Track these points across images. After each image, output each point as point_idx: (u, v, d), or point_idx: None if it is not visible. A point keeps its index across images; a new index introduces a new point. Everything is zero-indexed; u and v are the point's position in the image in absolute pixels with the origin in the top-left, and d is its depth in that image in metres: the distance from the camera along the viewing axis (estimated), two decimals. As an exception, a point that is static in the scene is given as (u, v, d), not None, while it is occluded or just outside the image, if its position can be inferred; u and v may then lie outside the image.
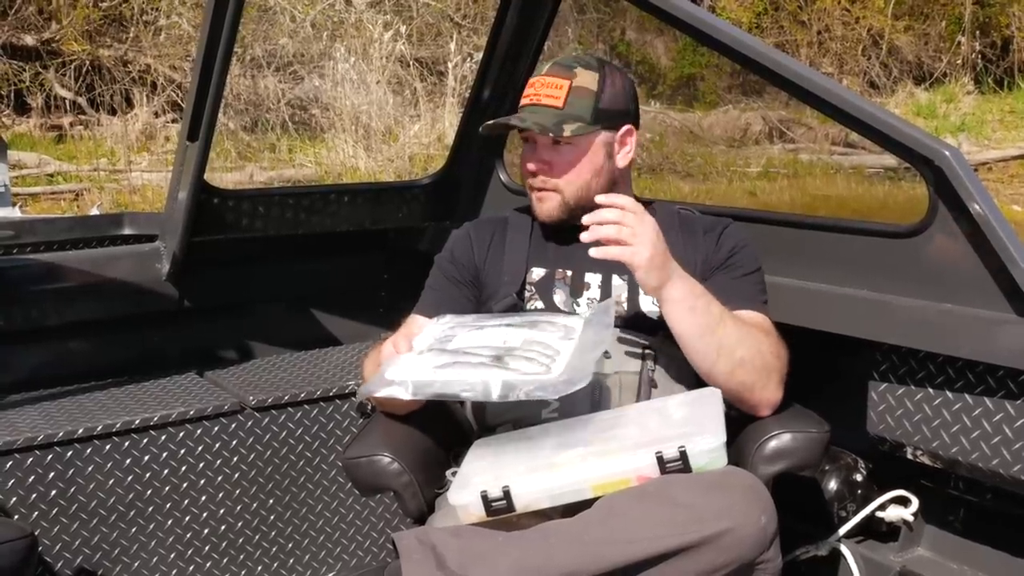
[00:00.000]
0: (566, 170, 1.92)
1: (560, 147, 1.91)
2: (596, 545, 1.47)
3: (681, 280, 1.71)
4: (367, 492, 1.97)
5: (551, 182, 1.93)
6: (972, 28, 13.78)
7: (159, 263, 2.62)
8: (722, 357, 1.72)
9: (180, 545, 2.43)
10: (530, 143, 1.94)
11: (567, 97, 1.88)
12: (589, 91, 1.90)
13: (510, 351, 1.65)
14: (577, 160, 1.92)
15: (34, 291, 2.52)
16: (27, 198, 8.50)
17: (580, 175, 1.92)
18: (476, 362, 1.63)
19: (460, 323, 1.80)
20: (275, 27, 10.47)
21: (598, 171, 1.94)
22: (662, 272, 1.69)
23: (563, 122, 1.87)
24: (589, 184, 1.93)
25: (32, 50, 10.45)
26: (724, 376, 1.74)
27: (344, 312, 3.01)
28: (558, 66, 1.93)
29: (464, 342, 1.72)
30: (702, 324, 1.71)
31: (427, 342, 1.74)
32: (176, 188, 2.53)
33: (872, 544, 2.20)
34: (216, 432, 2.44)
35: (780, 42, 13.09)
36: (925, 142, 1.75)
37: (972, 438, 1.88)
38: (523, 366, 1.60)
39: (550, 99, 1.89)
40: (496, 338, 1.71)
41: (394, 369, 1.65)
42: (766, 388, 1.76)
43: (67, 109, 10.52)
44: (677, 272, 1.72)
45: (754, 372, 1.74)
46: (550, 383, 1.55)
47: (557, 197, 1.93)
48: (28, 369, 2.55)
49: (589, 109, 1.90)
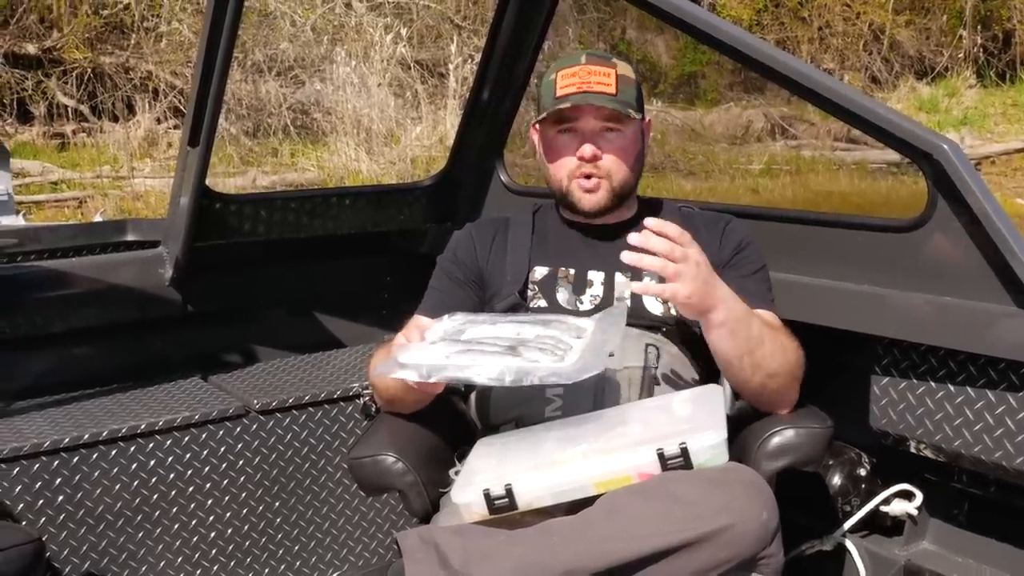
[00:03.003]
0: (618, 155, 1.91)
1: (608, 134, 1.90)
2: (599, 542, 1.47)
3: (724, 305, 1.66)
4: (372, 492, 1.98)
5: (603, 168, 1.91)
6: (973, 22, 13.78)
7: (162, 268, 2.62)
8: (757, 373, 1.72)
9: (187, 549, 2.43)
10: (573, 133, 1.91)
11: (617, 84, 1.88)
12: (631, 79, 1.92)
13: (523, 342, 1.65)
14: (625, 147, 1.92)
15: (39, 298, 2.53)
16: (31, 206, 8.53)
17: (628, 161, 1.93)
18: (490, 351, 1.63)
19: (471, 320, 1.80)
20: (275, 32, 10.49)
21: (638, 158, 1.96)
22: (707, 303, 1.64)
23: (620, 107, 1.88)
24: (633, 171, 1.95)
25: (34, 59, 10.49)
26: (757, 388, 1.74)
27: (347, 314, 3.01)
28: (595, 56, 1.93)
29: (477, 334, 1.72)
30: (742, 347, 1.70)
31: (438, 334, 1.73)
32: (178, 194, 2.54)
33: (877, 538, 2.20)
34: (221, 436, 2.45)
35: (781, 39, 13.09)
36: (923, 136, 1.76)
37: (975, 431, 1.88)
38: (536, 356, 1.60)
39: (602, 86, 1.87)
40: (509, 331, 1.71)
41: (407, 355, 1.64)
42: (791, 392, 1.77)
43: (69, 117, 10.56)
44: (727, 301, 1.67)
45: (784, 381, 1.74)
46: (563, 370, 1.55)
47: (607, 184, 1.92)
48: (34, 375, 2.55)
49: (634, 96, 1.91)
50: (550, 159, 1.96)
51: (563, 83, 1.89)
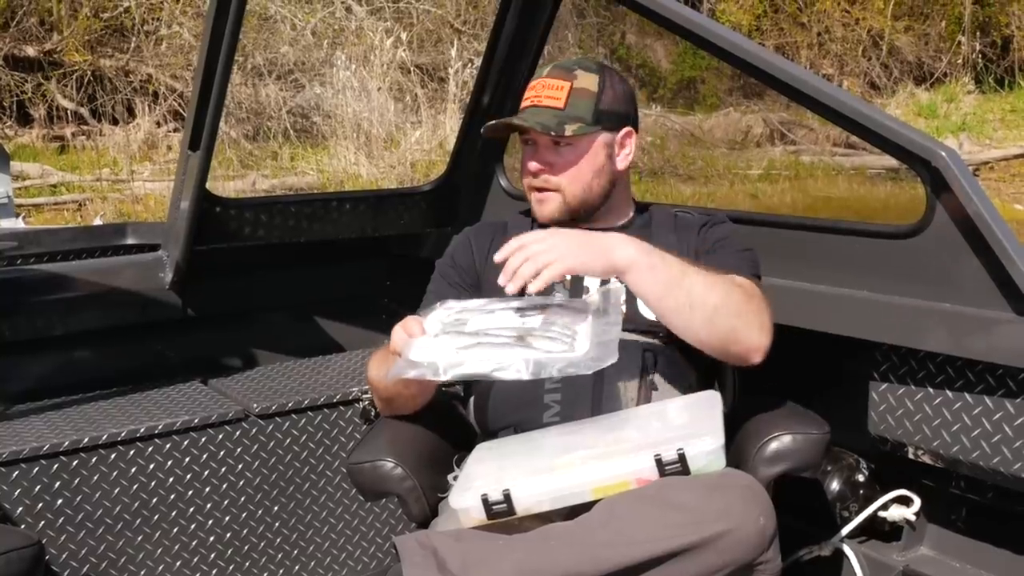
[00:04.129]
0: (567, 170, 1.92)
1: (561, 148, 1.91)
2: (597, 547, 1.47)
3: (625, 247, 1.68)
4: (371, 497, 1.98)
5: (552, 182, 1.92)
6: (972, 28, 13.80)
7: (162, 272, 2.63)
8: (695, 308, 1.69)
9: (185, 553, 2.44)
10: (531, 145, 1.94)
11: (568, 98, 1.89)
12: (590, 92, 1.91)
13: (531, 331, 1.64)
14: (578, 160, 1.92)
15: (38, 301, 2.54)
16: (30, 209, 8.53)
17: (581, 175, 1.93)
18: (500, 342, 1.61)
19: (466, 308, 1.78)
20: (276, 35, 10.50)
21: (599, 171, 1.94)
22: (597, 252, 1.67)
23: (564, 122, 1.88)
24: (590, 185, 1.94)
25: (34, 61, 10.50)
26: (705, 328, 1.70)
27: (347, 319, 3.02)
28: (559, 68, 1.94)
29: (481, 324, 1.70)
30: (665, 280, 1.68)
31: (437, 326, 1.71)
32: (178, 197, 2.54)
33: (875, 544, 2.21)
34: (221, 440, 2.45)
35: (780, 44, 13.12)
36: (921, 143, 1.76)
37: (973, 437, 1.89)
38: (546, 345, 1.60)
39: (551, 100, 1.89)
40: (513, 320, 1.70)
41: (417, 352, 1.62)
42: (750, 332, 1.72)
43: (69, 119, 10.57)
44: (617, 241, 1.69)
45: (732, 316, 1.70)
46: (580, 360, 1.55)
47: (558, 197, 1.93)
48: (33, 379, 2.56)
49: (590, 110, 1.91)
50: (521, 169, 1.99)
51: (526, 95, 1.95)
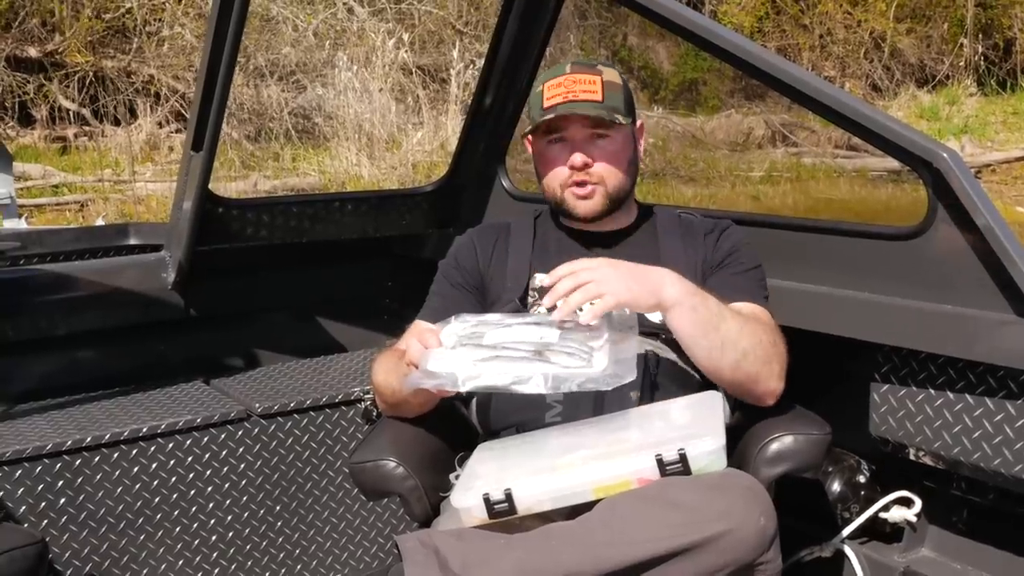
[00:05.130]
0: (609, 161, 1.92)
1: (598, 141, 1.91)
2: (598, 547, 1.48)
3: (673, 286, 1.70)
4: (373, 496, 1.98)
5: (595, 175, 1.92)
6: (974, 30, 13.80)
7: (165, 272, 2.63)
8: (727, 351, 1.72)
9: (187, 551, 2.44)
10: (563, 142, 1.92)
11: (603, 91, 1.89)
12: (617, 85, 1.93)
13: (548, 346, 1.65)
14: (617, 152, 1.93)
15: (41, 301, 2.54)
16: (32, 209, 8.53)
17: (620, 166, 1.93)
18: (518, 356, 1.62)
19: (483, 321, 1.78)
20: (278, 36, 10.51)
21: (632, 163, 1.96)
22: (647, 289, 1.68)
23: (609, 113, 1.88)
24: (627, 176, 1.95)
25: (36, 62, 10.50)
26: (730, 370, 1.73)
27: (349, 319, 3.02)
28: (580, 65, 1.94)
29: (498, 338, 1.70)
30: (704, 322, 1.71)
31: (454, 339, 1.71)
32: (181, 198, 2.55)
33: (876, 545, 2.21)
34: (223, 440, 2.45)
35: (782, 46, 13.12)
36: (923, 144, 1.76)
37: (974, 438, 1.89)
38: (564, 360, 1.60)
39: (587, 94, 1.88)
40: (531, 334, 1.70)
41: (435, 363, 1.62)
42: (771, 378, 1.76)
43: (71, 120, 10.58)
44: (666, 279, 1.71)
45: (758, 362, 1.74)
46: (599, 377, 1.55)
47: (601, 190, 1.93)
48: (36, 378, 2.57)
49: (621, 102, 1.92)
50: (543, 170, 1.97)
51: (549, 94, 1.91)
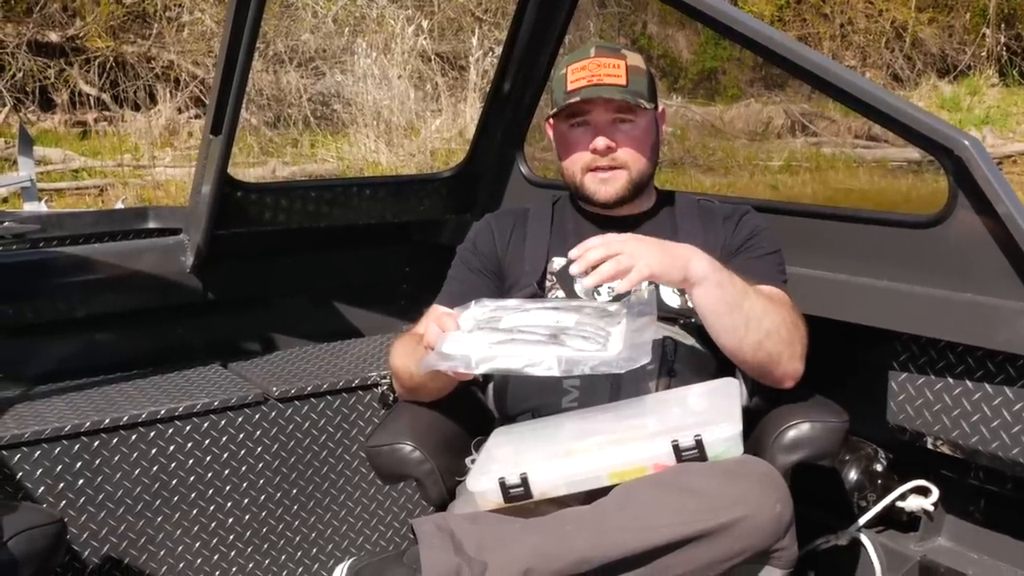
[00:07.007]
0: (632, 146, 1.91)
1: (622, 125, 1.90)
2: (613, 532, 1.48)
3: (700, 261, 1.69)
4: (389, 480, 1.99)
5: (619, 159, 1.91)
6: (997, 20, 13.69)
7: (183, 256, 2.64)
8: (750, 330, 1.71)
9: (204, 533, 2.46)
10: (586, 126, 1.92)
11: (627, 75, 1.88)
12: (641, 70, 1.92)
13: (564, 330, 1.65)
14: (641, 136, 1.92)
15: (61, 284, 2.56)
16: (52, 193, 8.59)
17: (644, 151, 1.93)
18: (533, 339, 1.62)
19: (502, 306, 1.78)
20: (297, 22, 10.53)
21: (654, 148, 1.96)
22: (677, 264, 1.67)
23: (634, 97, 1.88)
24: (650, 161, 1.95)
25: (57, 47, 10.56)
26: (752, 349, 1.72)
27: (366, 304, 3.03)
28: (604, 48, 1.93)
29: (515, 322, 1.70)
30: (729, 299, 1.70)
31: (471, 323, 1.72)
32: (200, 182, 2.56)
33: (892, 534, 2.20)
34: (240, 423, 2.46)
35: (803, 35, 13.04)
36: (945, 132, 1.75)
37: (992, 427, 1.88)
38: (579, 344, 1.60)
39: (612, 78, 1.87)
40: (548, 318, 1.70)
41: (450, 345, 1.63)
42: (792, 360, 1.75)
43: (91, 105, 10.63)
44: (694, 255, 1.70)
45: (780, 343, 1.73)
46: (613, 360, 1.55)
47: (624, 175, 1.92)
48: (56, 360, 2.58)
49: (645, 86, 1.91)
50: (564, 153, 1.97)
51: (573, 77, 1.90)
